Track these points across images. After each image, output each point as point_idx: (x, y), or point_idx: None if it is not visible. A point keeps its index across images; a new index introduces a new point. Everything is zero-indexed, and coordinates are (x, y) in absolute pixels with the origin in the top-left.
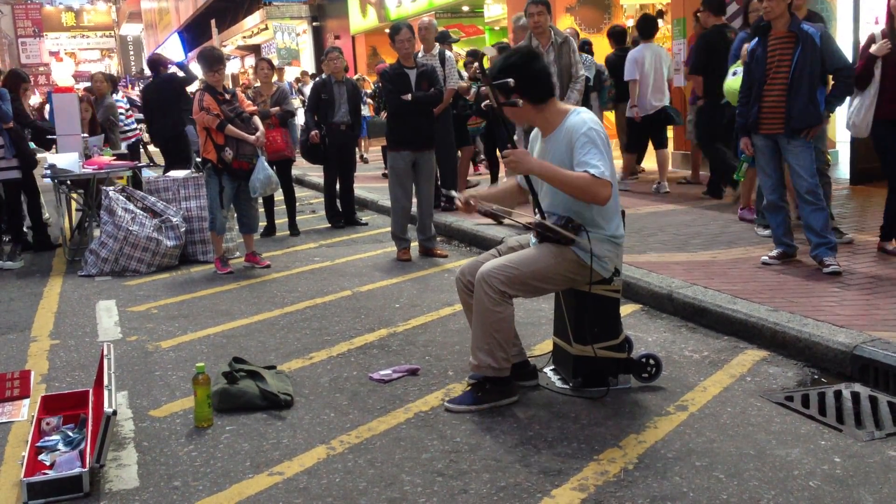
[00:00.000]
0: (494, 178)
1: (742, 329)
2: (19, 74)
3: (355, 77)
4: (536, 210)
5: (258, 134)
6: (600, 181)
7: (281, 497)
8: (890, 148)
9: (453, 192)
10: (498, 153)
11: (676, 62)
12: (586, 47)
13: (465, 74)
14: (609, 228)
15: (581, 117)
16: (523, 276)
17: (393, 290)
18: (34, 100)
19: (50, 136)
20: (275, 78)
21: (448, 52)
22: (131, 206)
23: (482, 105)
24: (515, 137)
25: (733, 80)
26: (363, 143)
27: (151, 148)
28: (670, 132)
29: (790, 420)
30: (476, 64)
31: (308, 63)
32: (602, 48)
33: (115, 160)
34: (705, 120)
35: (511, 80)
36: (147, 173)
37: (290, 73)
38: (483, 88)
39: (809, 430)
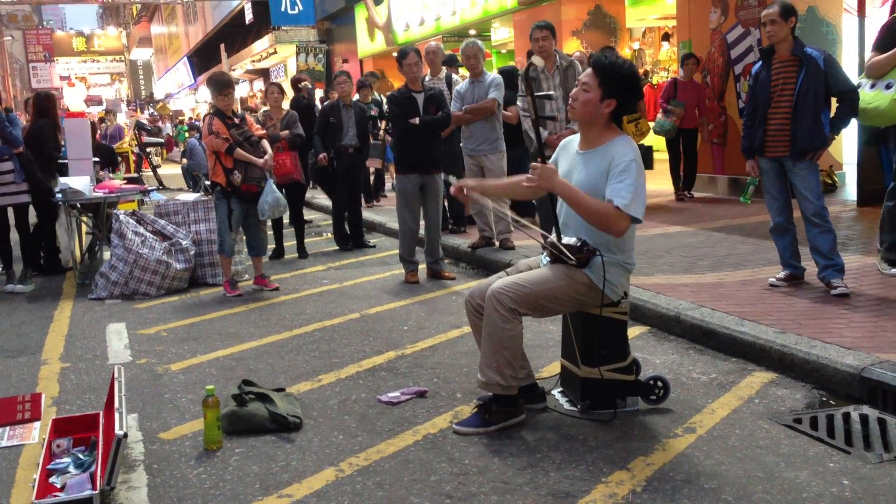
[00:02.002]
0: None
1: (750, 351)
2: (48, 96)
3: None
4: (553, 227)
5: (266, 157)
6: (621, 214)
7: None
8: None
9: (451, 178)
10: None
11: None
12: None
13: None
14: (622, 255)
15: (629, 146)
16: (534, 294)
17: (401, 313)
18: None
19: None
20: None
21: (455, 76)
22: (141, 230)
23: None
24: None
25: (871, 94)
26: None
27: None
28: None
29: (799, 442)
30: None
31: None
32: None
33: (125, 184)
34: None
35: (553, 93)
36: (156, 196)
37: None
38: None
39: (818, 453)
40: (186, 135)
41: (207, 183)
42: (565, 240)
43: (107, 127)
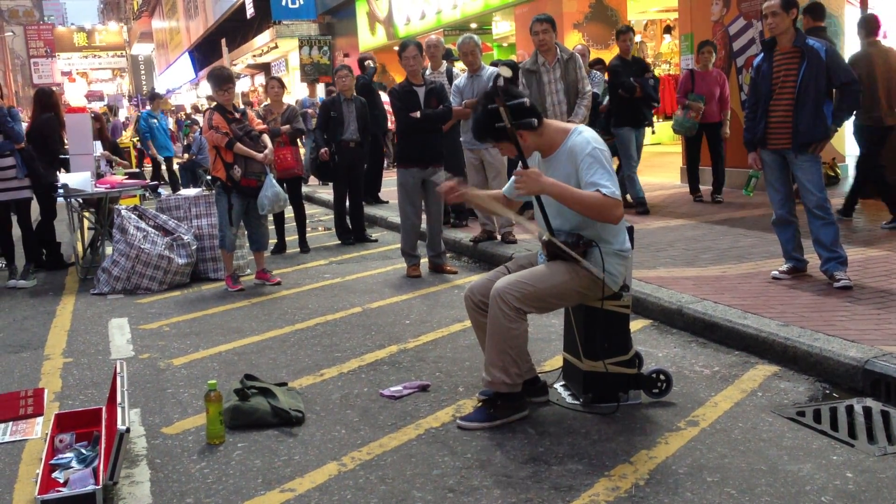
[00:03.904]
0: None
1: (753, 344)
2: (51, 92)
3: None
4: (546, 227)
5: (266, 152)
6: (613, 201)
7: None
8: None
9: (438, 176)
10: None
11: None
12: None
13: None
14: (616, 243)
15: (584, 136)
16: (538, 292)
17: (403, 307)
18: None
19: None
20: (305, 94)
21: (455, 70)
22: (143, 225)
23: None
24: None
25: None
26: None
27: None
28: None
29: (802, 435)
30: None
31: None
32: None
33: (126, 179)
34: None
35: (526, 100)
36: (160, 191)
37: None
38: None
39: (821, 446)
40: (187, 129)
41: (209, 178)
42: (557, 237)
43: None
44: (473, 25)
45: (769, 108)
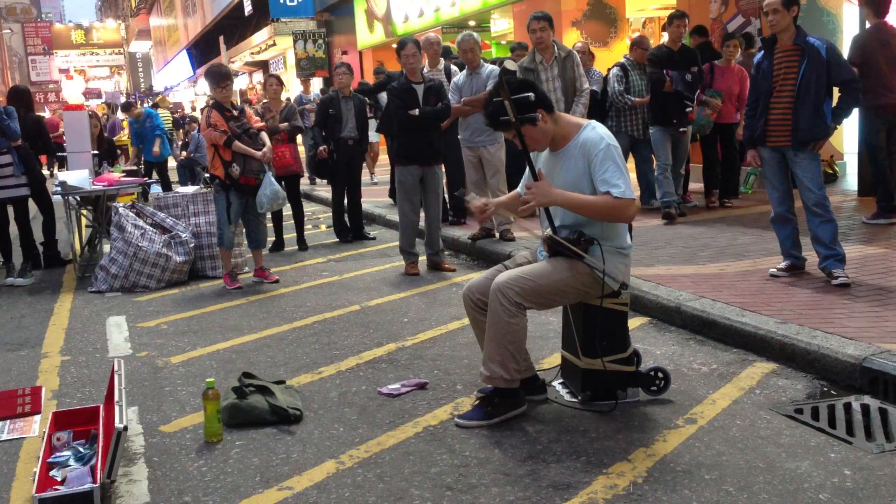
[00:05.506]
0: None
1: (751, 342)
2: (27, 90)
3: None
4: (548, 224)
5: (265, 150)
6: (624, 201)
7: None
8: None
9: (467, 197)
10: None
11: None
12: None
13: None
14: (616, 240)
15: (597, 132)
16: (539, 287)
17: (401, 305)
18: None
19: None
20: (298, 92)
21: (453, 67)
22: (141, 223)
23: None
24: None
25: None
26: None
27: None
28: None
29: (800, 433)
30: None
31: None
32: (609, 62)
33: (124, 177)
34: None
35: (532, 95)
36: (155, 189)
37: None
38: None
39: (819, 443)
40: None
41: (207, 175)
42: (559, 234)
43: (107, 121)
44: (472, 23)
45: (769, 106)
